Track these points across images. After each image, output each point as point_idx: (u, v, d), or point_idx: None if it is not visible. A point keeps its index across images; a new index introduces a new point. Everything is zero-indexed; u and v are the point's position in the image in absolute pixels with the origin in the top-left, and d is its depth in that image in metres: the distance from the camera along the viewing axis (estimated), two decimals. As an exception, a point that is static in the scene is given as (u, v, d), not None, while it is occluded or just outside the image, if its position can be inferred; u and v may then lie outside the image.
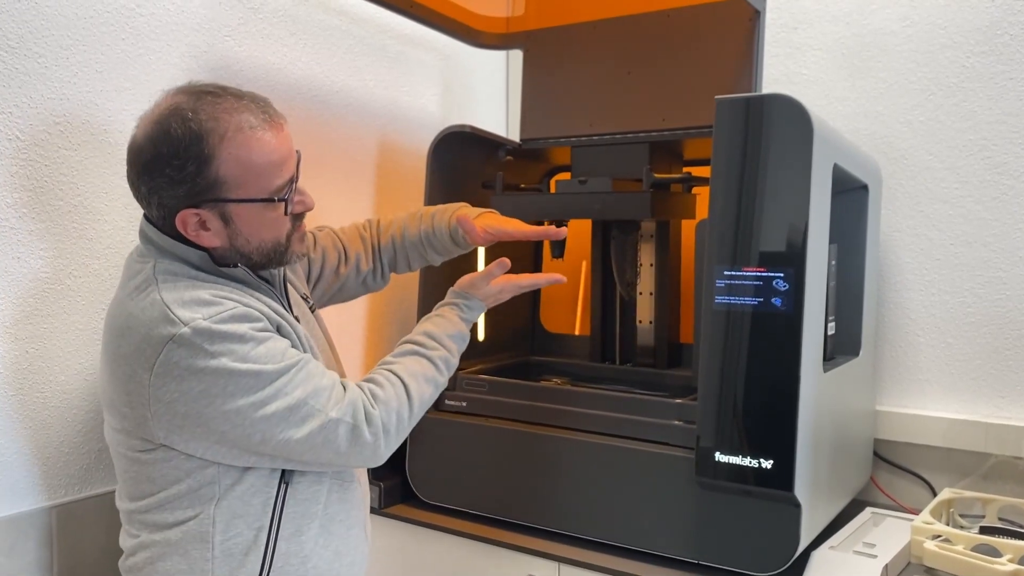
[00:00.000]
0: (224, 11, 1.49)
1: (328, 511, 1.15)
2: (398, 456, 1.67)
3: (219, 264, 1.07)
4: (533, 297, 2.01)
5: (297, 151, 1.11)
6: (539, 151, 1.80)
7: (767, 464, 1.23)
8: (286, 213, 1.10)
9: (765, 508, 1.27)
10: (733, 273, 1.26)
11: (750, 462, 1.24)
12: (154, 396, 1.01)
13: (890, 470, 1.69)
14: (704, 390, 1.27)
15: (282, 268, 1.17)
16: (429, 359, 1.20)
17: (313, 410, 1.04)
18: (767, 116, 1.24)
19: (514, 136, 1.82)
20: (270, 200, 1.07)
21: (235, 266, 1.08)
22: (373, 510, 1.65)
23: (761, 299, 1.24)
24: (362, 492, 1.25)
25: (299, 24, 1.64)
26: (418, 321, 1.64)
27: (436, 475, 1.62)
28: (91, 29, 1.29)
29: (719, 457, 1.26)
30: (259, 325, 1.03)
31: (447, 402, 1.61)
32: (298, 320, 1.17)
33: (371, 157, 1.84)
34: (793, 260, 1.22)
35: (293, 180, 1.10)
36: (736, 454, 1.25)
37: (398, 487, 1.67)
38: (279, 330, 1.08)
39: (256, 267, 1.12)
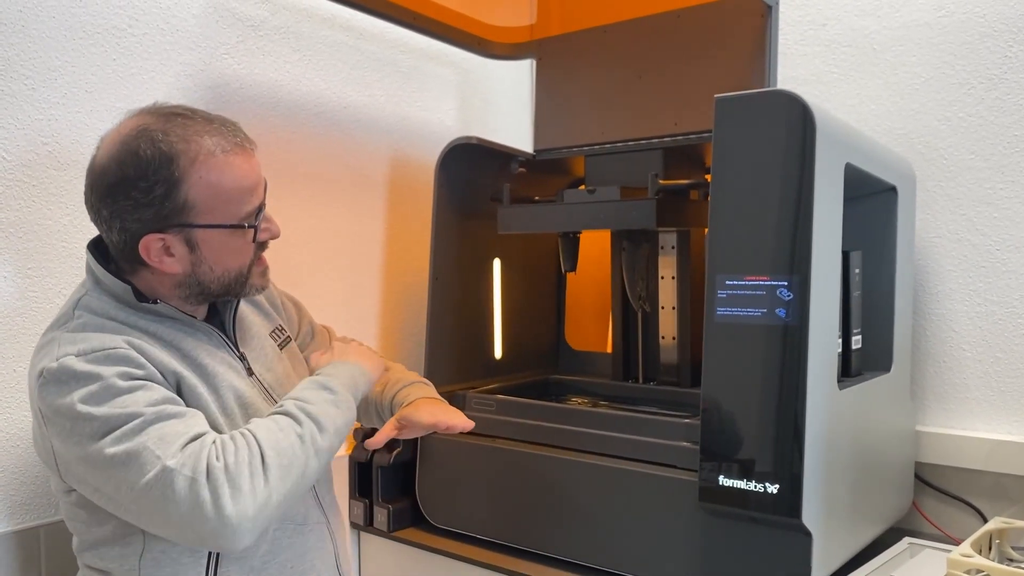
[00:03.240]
0: (221, 29, 1.49)
1: (276, 560, 1.09)
2: (408, 477, 1.64)
3: (141, 300, 1.03)
4: (558, 314, 1.95)
5: (264, 179, 1.09)
6: (556, 162, 1.75)
7: (772, 489, 1.13)
8: (254, 240, 1.07)
9: (774, 536, 1.17)
10: (735, 282, 1.18)
11: (755, 487, 1.15)
12: (42, 432, 0.99)
13: (936, 496, 1.55)
14: (707, 410, 1.19)
15: (234, 302, 1.14)
16: (290, 415, 1.03)
17: (153, 456, 0.91)
18: (767, 114, 1.16)
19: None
20: (239, 226, 1.04)
21: (155, 302, 1.04)
22: (382, 533, 1.61)
23: (764, 310, 1.15)
24: (320, 535, 1.17)
25: (303, 40, 1.63)
26: (427, 341, 1.62)
27: (445, 498, 1.57)
28: (80, 50, 1.30)
29: (723, 482, 1.17)
30: (136, 372, 0.97)
31: (456, 422, 1.56)
32: (243, 358, 1.13)
33: (382, 173, 1.81)
34: (797, 267, 1.13)
35: (262, 207, 1.07)
36: (740, 478, 1.16)
37: (408, 510, 1.62)
38: (179, 384, 1.01)
39: (212, 297, 1.09)
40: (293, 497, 0.99)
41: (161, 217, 1.00)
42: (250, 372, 1.13)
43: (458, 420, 1.21)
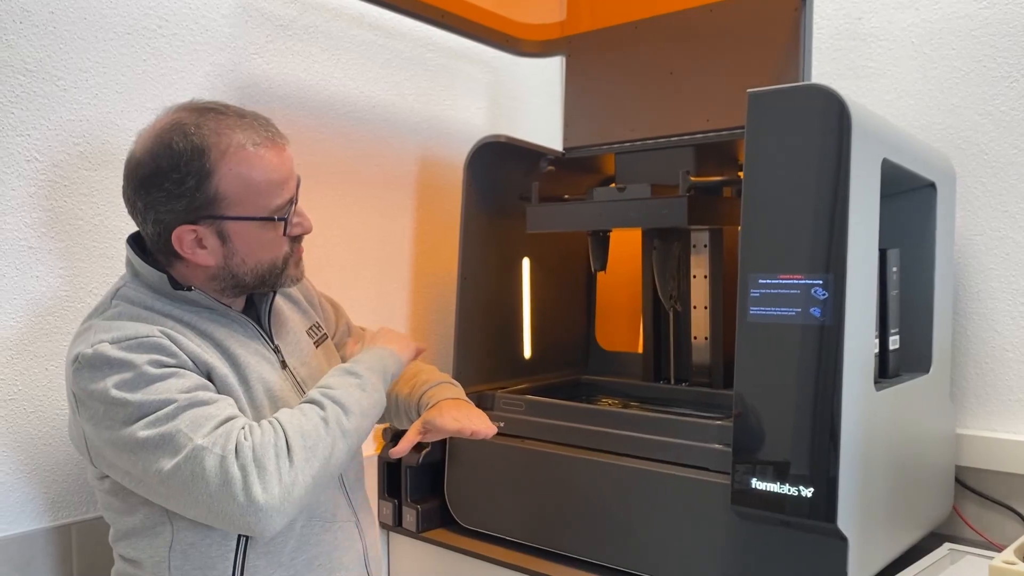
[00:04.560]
0: (251, 29, 1.49)
1: (304, 556, 1.09)
2: (437, 478, 1.63)
3: (176, 287, 1.05)
4: (588, 314, 1.93)
5: (297, 175, 1.10)
6: (586, 160, 1.73)
7: (807, 493, 1.11)
8: (285, 233, 1.08)
9: (808, 541, 1.14)
10: (768, 281, 1.15)
11: (789, 490, 1.12)
12: (75, 417, 1.01)
13: (978, 501, 1.51)
14: (739, 411, 1.16)
15: (271, 295, 1.15)
16: (314, 402, 1.05)
17: (185, 438, 0.93)
18: (802, 109, 1.13)
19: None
20: (269, 219, 1.06)
21: (189, 289, 1.05)
22: (411, 534, 1.61)
23: (798, 309, 1.12)
24: (349, 533, 1.17)
25: (332, 40, 1.63)
26: (456, 341, 1.61)
27: (474, 498, 1.56)
28: (111, 51, 1.31)
29: (756, 485, 1.15)
30: (168, 361, 0.98)
31: (485, 422, 1.55)
32: (277, 350, 1.14)
33: (411, 172, 1.81)
34: (833, 266, 1.10)
35: (293, 201, 1.08)
36: (774, 482, 1.13)
37: (436, 510, 1.61)
38: (210, 374, 1.02)
39: (248, 289, 1.10)
40: (321, 480, 0.99)
41: (193, 208, 1.02)
42: (284, 365, 1.14)
43: (481, 426, 1.20)
